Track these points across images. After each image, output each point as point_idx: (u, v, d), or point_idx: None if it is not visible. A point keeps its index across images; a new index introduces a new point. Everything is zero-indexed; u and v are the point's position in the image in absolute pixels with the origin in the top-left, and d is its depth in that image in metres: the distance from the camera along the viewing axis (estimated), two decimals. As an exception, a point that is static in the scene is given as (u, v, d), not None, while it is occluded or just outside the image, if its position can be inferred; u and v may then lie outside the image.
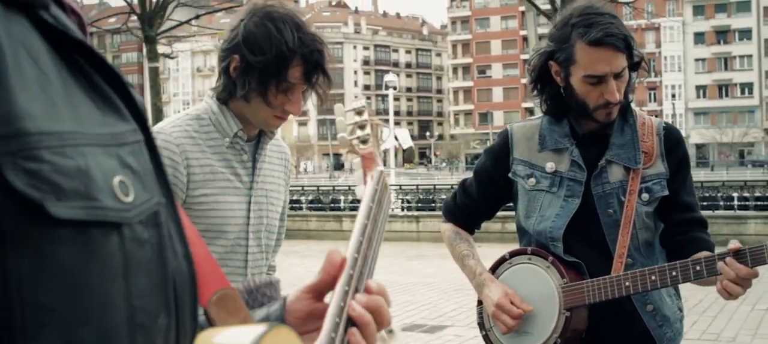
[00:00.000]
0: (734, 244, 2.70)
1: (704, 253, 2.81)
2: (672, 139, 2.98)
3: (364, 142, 1.76)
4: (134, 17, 22.35)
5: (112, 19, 29.92)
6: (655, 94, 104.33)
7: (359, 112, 1.80)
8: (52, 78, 0.71)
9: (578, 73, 2.82)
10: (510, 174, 3.04)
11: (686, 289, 2.81)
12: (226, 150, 2.73)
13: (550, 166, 2.95)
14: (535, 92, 3.01)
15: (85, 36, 0.80)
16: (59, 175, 0.67)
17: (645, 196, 2.90)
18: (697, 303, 11.03)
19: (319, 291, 1.34)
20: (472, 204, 3.20)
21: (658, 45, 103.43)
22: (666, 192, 2.92)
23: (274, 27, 2.57)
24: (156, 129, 2.68)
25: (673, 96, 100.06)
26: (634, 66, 2.89)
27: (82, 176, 0.69)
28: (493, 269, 3.06)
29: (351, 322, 1.25)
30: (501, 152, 3.08)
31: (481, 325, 3.08)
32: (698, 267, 2.73)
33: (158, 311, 0.75)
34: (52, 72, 0.71)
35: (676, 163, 2.96)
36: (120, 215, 0.71)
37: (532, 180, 2.98)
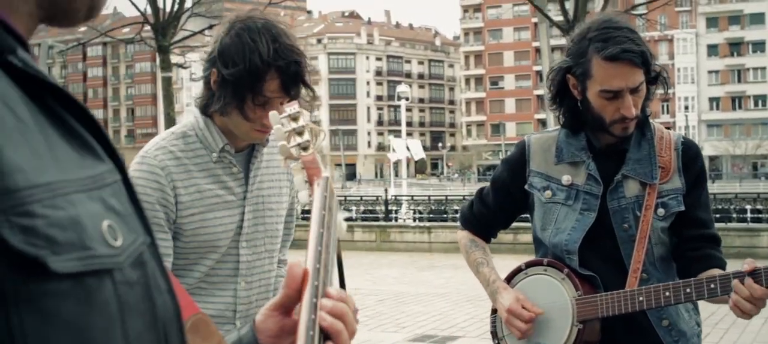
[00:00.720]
0: (750, 264, 2.68)
1: (717, 271, 2.80)
2: (690, 154, 2.97)
3: (304, 148, 1.73)
4: (148, 27, 22.46)
5: (126, 29, 30.07)
6: (668, 106, 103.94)
7: (294, 118, 1.77)
8: (31, 125, 0.69)
9: (594, 88, 2.81)
10: (526, 186, 3.04)
11: (700, 302, 2.82)
12: (214, 165, 2.68)
13: (566, 179, 2.95)
14: (554, 106, 3.00)
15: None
16: (54, 228, 0.66)
17: (661, 211, 2.89)
18: (709, 315, 10.97)
19: (285, 307, 1.34)
20: (488, 214, 3.21)
21: (672, 57, 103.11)
22: (682, 208, 2.90)
23: (249, 39, 2.51)
24: (140, 154, 2.66)
25: (687, 108, 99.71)
26: (652, 80, 2.87)
27: (74, 226, 0.68)
28: (509, 279, 3.06)
29: (324, 334, 1.25)
30: (518, 163, 3.08)
31: (494, 334, 3.09)
32: (712, 285, 2.71)
33: None
34: (29, 119, 0.69)
35: (693, 179, 2.95)
36: (113, 261, 0.70)
37: (548, 193, 2.98)
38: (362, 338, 10.08)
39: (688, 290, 2.74)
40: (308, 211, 1.54)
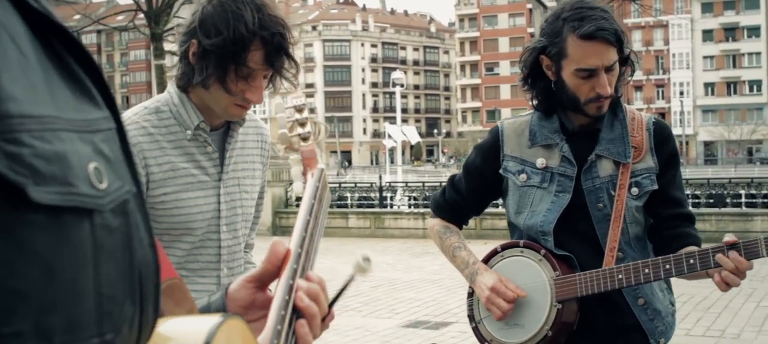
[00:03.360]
0: (729, 238, 2.74)
1: (695, 248, 2.83)
2: (662, 134, 3.00)
3: (304, 139, 1.75)
4: (141, 15, 22.43)
5: (120, 17, 30.01)
6: (663, 91, 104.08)
7: (299, 109, 1.78)
8: (33, 61, 0.70)
9: (570, 67, 2.85)
10: (501, 171, 3.06)
11: (691, 286, 2.84)
12: (189, 143, 2.60)
13: (540, 162, 2.97)
14: (527, 88, 3.03)
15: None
16: (39, 159, 0.67)
17: (634, 190, 2.92)
18: (702, 299, 11.04)
19: (261, 281, 1.36)
20: (460, 200, 3.22)
21: (666, 42, 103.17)
22: (655, 187, 2.94)
23: (233, 8, 2.42)
24: None
25: (681, 93, 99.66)
26: (624, 60, 2.91)
27: (60, 161, 0.68)
28: (485, 261, 3.08)
29: (296, 315, 1.28)
30: (492, 149, 3.10)
31: (471, 317, 3.10)
32: (692, 261, 2.75)
33: (124, 299, 0.75)
34: (32, 55, 0.71)
35: (666, 158, 2.98)
36: (94, 202, 0.71)
37: (523, 176, 3.00)
38: (356, 324, 10.11)
39: (667, 266, 2.77)
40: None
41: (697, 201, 19.74)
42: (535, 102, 3.03)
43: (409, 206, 22.85)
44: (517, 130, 3.06)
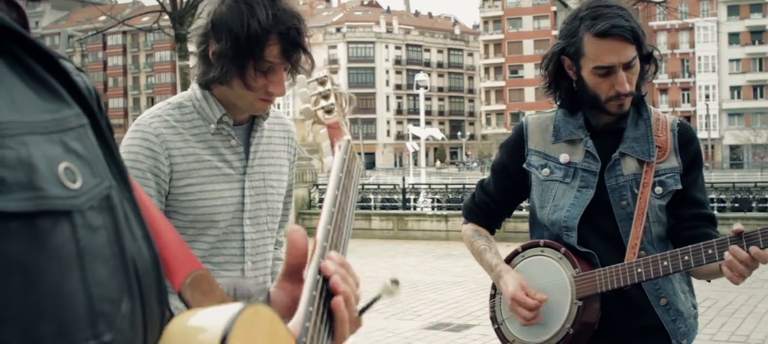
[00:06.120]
0: (738, 226, 2.70)
1: (714, 240, 2.80)
2: (686, 135, 2.99)
3: (328, 112, 1.72)
4: (166, 16, 22.52)
5: (146, 18, 30.16)
6: (688, 94, 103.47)
7: (322, 82, 1.77)
8: None
9: (588, 66, 2.85)
10: (524, 165, 3.05)
11: (715, 291, 2.82)
12: (213, 137, 2.63)
13: (564, 157, 2.97)
14: (550, 90, 3.03)
15: (27, 29, 0.77)
16: (2, 168, 0.65)
17: (658, 189, 2.91)
18: (726, 304, 10.94)
19: (291, 275, 1.28)
20: (490, 201, 3.21)
21: (692, 45, 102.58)
22: (679, 186, 2.92)
23: (245, 6, 2.45)
24: (135, 122, 2.62)
25: (707, 97, 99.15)
26: (645, 58, 2.90)
27: (24, 167, 0.67)
28: (507, 262, 3.07)
29: (329, 295, 1.21)
30: (516, 144, 3.10)
31: (494, 319, 3.09)
32: (710, 251, 2.72)
33: (120, 297, 0.73)
34: None
35: (690, 159, 2.97)
36: (68, 203, 0.69)
37: (546, 171, 2.99)
38: (378, 326, 10.10)
39: (686, 257, 2.74)
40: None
41: (722, 205, 19.59)
42: (558, 102, 3.03)
43: (433, 208, 22.81)
44: (542, 126, 3.06)
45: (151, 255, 0.79)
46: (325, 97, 1.74)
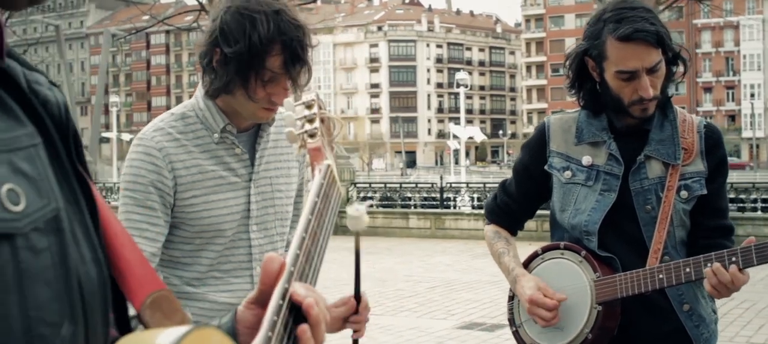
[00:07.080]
0: (751, 240, 2.67)
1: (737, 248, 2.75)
2: (713, 138, 2.91)
3: (311, 135, 1.71)
4: (206, 15, 22.67)
5: (188, 17, 30.36)
6: (733, 93, 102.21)
7: (309, 106, 1.76)
8: None
9: (611, 69, 2.78)
10: (546, 167, 3.00)
11: (754, 292, 2.77)
12: (216, 146, 2.62)
13: (586, 160, 2.91)
14: (573, 90, 2.98)
15: (2, 44, 0.76)
16: None
17: (684, 194, 2.84)
18: (765, 306, 10.79)
19: (260, 301, 1.28)
20: (512, 203, 3.16)
21: (737, 43, 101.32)
22: (704, 191, 2.85)
23: (249, 16, 2.43)
24: (138, 136, 2.61)
25: (752, 95, 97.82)
26: (672, 60, 2.83)
27: None
28: (525, 265, 3.02)
29: (295, 320, 1.20)
30: (538, 145, 3.05)
31: (511, 321, 3.06)
32: (734, 259, 2.66)
33: (61, 320, 0.72)
34: None
35: (716, 164, 2.90)
36: (9, 225, 0.67)
37: (568, 173, 2.94)
38: (410, 325, 10.09)
39: (709, 264, 2.69)
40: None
41: (766, 205, 19.33)
42: (582, 103, 2.98)
43: (472, 207, 22.73)
44: (564, 127, 3.00)
45: (99, 278, 0.77)
46: (310, 120, 1.73)
